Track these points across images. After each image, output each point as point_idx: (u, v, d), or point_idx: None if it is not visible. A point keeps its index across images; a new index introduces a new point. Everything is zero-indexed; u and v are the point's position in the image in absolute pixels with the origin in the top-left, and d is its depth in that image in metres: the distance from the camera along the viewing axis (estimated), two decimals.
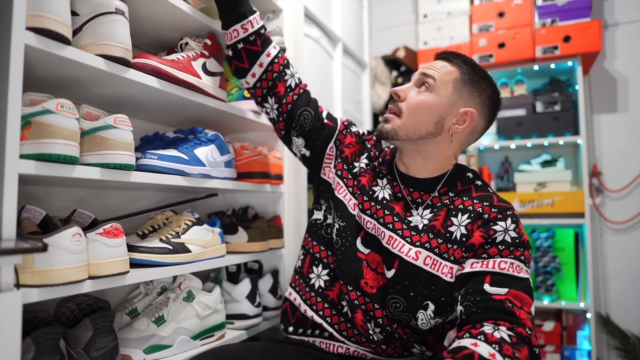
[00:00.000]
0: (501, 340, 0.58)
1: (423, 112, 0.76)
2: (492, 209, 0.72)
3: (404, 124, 0.76)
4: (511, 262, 0.67)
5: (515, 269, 0.66)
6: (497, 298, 0.63)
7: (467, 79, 0.77)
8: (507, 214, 0.71)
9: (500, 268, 0.66)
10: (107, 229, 0.65)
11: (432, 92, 0.76)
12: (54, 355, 0.59)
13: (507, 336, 0.59)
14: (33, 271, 0.56)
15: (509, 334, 0.59)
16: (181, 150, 0.86)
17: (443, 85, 0.76)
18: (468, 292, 0.66)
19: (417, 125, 0.76)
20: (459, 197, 0.76)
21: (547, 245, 1.68)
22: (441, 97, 0.76)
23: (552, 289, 1.65)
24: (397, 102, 0.78)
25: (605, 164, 1.74)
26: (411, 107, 0.76)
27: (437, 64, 0.79)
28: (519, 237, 0.69)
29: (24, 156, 0.57)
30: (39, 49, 0.58)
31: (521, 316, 0.62)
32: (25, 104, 0.59)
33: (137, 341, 0.78)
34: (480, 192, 0.76)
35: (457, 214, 0.74)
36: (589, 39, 1.57)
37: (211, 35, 0.94)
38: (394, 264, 0.75)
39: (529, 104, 1.69)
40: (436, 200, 0.78)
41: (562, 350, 1.61)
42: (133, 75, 0.73)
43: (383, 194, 0.81)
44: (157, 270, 0.76)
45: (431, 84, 0.76)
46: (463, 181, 0.80)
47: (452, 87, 0.76)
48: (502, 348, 0.57)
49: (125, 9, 0.70)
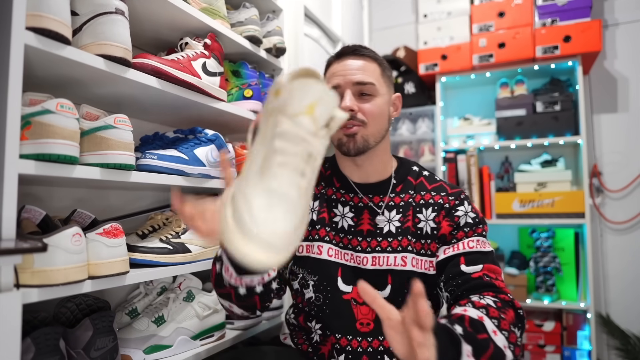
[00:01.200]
0: (487, 305, 0.63)
1: (381, 115, 0.77)
2: (449, 198, 0.78)
3: (372, 132, 0.76)
4: (477, 239, 0.74)
5: (481, 244, 0.73)
6: (475, 276, 0.69)
7: (384, 67, 0.80)
8: (462, 198, 0.79)
9: (469, 247, 0.73)
10: (107, 229, 0.65)
11: (377, 94, 0.77)
12: (54, 356, 0.59)
13: (492, 302, 0.64)
14: (33, 271, 0.56)
15: (494, 300, 0.65)
16: (181, 150, 0.85)
17: (380, 84, 0.78)
18: (448, 277, 0.72)
19: (380, 128, 0.78)
20: (417, 193, 0.80)
21: (548, 245, 1.68)
22: (383, 94, 0.78)
23: (552, 289, 1.65)
24: (355, 116, 0.76)
25: (606, 164, 1.74)
26: (373, 114, 0.76)
27: (354, 65, 0.77)
28: (477, 215, 0.77)
29: (24, 156, 0.56)
30: (39, 48, 0.58)
31: (500, 285, 0.69)
32: (25, 104, 0.59)
33: (137, 341, 0.78)
34: (433, 184, 0.81)
35: (421, 210, 0.78)
36: (589, 39, 1.57)
37: (211, 35, 0.94)
38: (386, 280, 0.75)
39: (529, 104, 1.69)
40: (398, 200, 0.80)
41: (562, 350, 1.61)
42: (133, 75, 0.73)
43: (345, 222, 0.79)
44: (157, 270, 0.76)
45: (373, 89, 0.76)
46: (412, 175, 0.83)
47: (383, 81, 0.79)
48: (488, 311, 0.62)
49: (125, 9, 0.70)
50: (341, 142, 0.78)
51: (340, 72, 0.78)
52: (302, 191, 0.42)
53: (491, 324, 0.58)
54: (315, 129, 0.43)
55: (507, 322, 0.61)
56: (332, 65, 0.81)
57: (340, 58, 0.79)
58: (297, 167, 0.42)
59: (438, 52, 1.79)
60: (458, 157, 1.79)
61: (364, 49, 0.80)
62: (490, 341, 0.56)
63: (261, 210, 0.39)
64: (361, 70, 0.77)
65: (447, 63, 1.78)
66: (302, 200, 0.42)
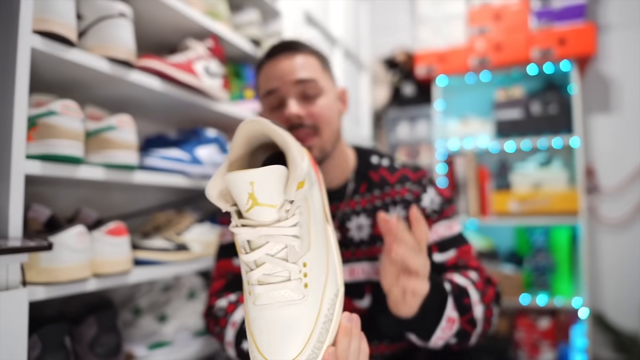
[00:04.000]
0: (472, 278, 0.63)
1: (332, 115, 0.68)
2: (413, 187, 0.71)
3: (327, 138, 0.67)
4: (445, 224, 0.70)
5: (450, 227, 0.70)
6: (451, 262, 0.67)
7: (323, 59, 0.71)
8: (424, 184, 0.72)
9: (439, 235, 0.68)
10: (111, 228, 0.66)
11: (322, 93, 0.67)
12: (60, 352, 0.60)
13: (475, 277, 0.65)
14: (39, 269, 0.57)
15: (476, 275, 0.65)
16: (183, 150, 0.87)
17: (323, 79, 0.68)
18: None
19: (334, 130, 0.69)
20: (382, 191, 0.71)
21: (543, 244, 1.70)
22: (328, 91, 0.68)
23: (547, 287, 1.67)
24: (303, 123, 0.66)
25: (600, 164, 1.77)
26: (324, 117, 0.66)
27: (291, 63, 0.66)
28: (442, 198, 0.72)
29: (30, 156, 0.58)
30: (45, 51, 0.59)
31: (474, 265, 0.67)
32: (31, 106, 0.60)
33: (141, 338, 0.79)
34: (395, 174, 0.73)
35: (389, 209, 0.70)
36: (584, 42, 1.59)
37: (213, 37, 0.95)
38: (363, 290, 0.69)
39: (525, 106, 1.71)
40: (364, 203, 0.71)
41: (557, 347, 1.63)
42: (136, 77, 0.74)
43: None
44: (160, 269, 0.77)
45: (316, 87, 0.66)
46: (373, 169, 0.74)
47: (325, 75, 0.70)
48: (474, 283, 0.62)
49: (129, 13, 0.71)
50: None
51: (275, 73, 0.67)
52: (299, 293, 0.36)
53: (476, 295, 0.60)
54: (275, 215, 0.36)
55: (487, 297, 0.62)
56: (264, 66, 0.70)
57: (273, 57, 0.68)
58: (278, 273, 0.37)
59: (435, 54, 1.81)
60: (456, 157, 1.81)
61: (297, 43, 0.69)
62: (471, 308, 0.59)
63: (266, 342, 0.36)
64: (299, 66, 0.66)
65: (444, 65, 1.80)
66: (305, 303, 0.36)
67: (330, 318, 0.38)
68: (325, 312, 0.38)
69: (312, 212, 0.39)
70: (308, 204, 0.39)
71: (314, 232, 0.39)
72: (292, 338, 0.36)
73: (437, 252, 0.67)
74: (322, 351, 0.36)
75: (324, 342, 0.37)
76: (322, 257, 0.39)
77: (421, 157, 1.93)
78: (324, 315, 0.37)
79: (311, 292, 0.37)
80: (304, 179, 0.37)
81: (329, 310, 0.38)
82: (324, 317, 0.37)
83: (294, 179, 0.36)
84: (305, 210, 0.38)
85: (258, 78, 0.72)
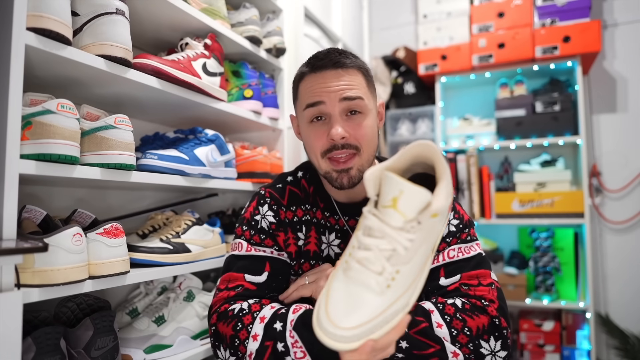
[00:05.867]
0: (451, 303, 0.62)
1: (373, 135, 0.68)
2: None
3: (366, 158, 0.67)
4: (459, 247, 0.68)
5: (464, 251, 0.68)
6: (451, 288, 0.65)
7: (368, 74, 0.70)
8: None
9: (449, 257, 0.67)
10: (107, 229, 0.65)
11: (367, 112, 0.67)
12: (55, 355, 0.59)
13: (460, 303, 0.62)
14: (33, 271, 0.56)
15: (462, 301, 0.63)
16: (181, 150, 0.86)
17: (368, 98, 0.68)
18: (427, 290, 0.67)
19: (374, 150, 0.69)
20: None
21: (547, 245, 1.69)
22: (371, 109, 0.68)
23: (551, 289, 1.65)
24: (347, 144, 0.66)
25: (605, 164, 1.74)
26: (366, 138, 0.66)
27: (338, 79, 0.65)
28: (460, 221, 0.70)
29: (25, 156, 0.57)
30: (40, 49, 0.58)
31: (477, 293, 0.64)
32: (25, 104, 0.59)
33: (138, 341, 0.78)
34: None
35: None
36: (588, 39, 1.57)
37: (211, 35, 0.94)
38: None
39: (529, 104, 1.69)
40: None
41: (561, 350, 1.61)
42: (133, 75, 0.73)
43: (332, 251, 0.73)
44: (157, 270, 0.76)
45: (362, 106, 0.66)
46: None
47: (370, 92, 0.69)
48: (444, 307, 0.61)
49: (125, 9, 0.70)
50: (331, 176, 0.67)
51: (321, 87, 0.66)
52: (380, 288, 0.43)
53: (440, 318, 0.59)
54: (401, 223, 0.43)
55: (464, 324, 0.59)
56: (308, 78, 0.68)
57: (319, 70, 0.67)
58: (376, 264, 0.43)
59: (438, 52, 1.80)
60: (458, 157, 1.79)
61: (345, 57, 0.67)
62: (425, 322, 0.58)
63: (335, 305, 0.44)
64: (347, 84, 0.66)
65: (447, 63, 1.78)
66: (378, 298, 0.43)
67: (388, 321, 0.44)
68: (389, 313, 0.44)
69: (428, 238, 0.46)
70: (429, 231, 0.45)
71: (420, 253, 0.45)
72: (355, 314, 0.43)
73: (443, 277, 0.66)
74: (364, 339, 0.42)
75: (372, 334, 0.43)
76: (412, 275, 0.45)
77: None
78: (386, 315, 0.43)
79: (389, 293, 0.44)
80: (439, 213, 0.44)
81: (391, 315, 0.44)
82: (384, 317, 0.43)
83: (432, 209, 0.43)
84: (423, 234, 0.45)
85: (299, 88, 0.71)
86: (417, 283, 0.46)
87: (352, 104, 0.66)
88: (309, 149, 0.71)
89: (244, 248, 0.72)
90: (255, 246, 0.72)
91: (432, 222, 0.44)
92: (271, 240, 0.73)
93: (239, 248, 0.72)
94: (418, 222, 0.44)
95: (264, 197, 0.75)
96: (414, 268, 0.45)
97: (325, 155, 0.67)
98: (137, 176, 0.73)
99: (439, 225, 0.47)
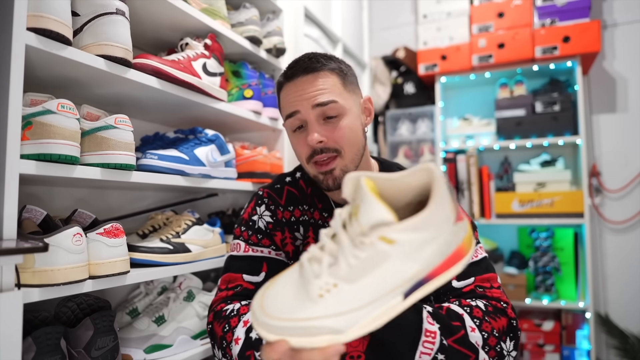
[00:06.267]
0: (475, 305, 0.61)
1: (354, 135, 0.68)
2: None
3: (350, 158, 0.68)
4: None
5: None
6: (467, 290, 0.65)
7: (343, 73, 0.69)
8: None
9: None
10: (107, 229, 0.65)
11: (344, 113, 0.67)
12: (55, 355, 0.59)
13: (483, 305, 0.62)
14: (34, 271, 0.56)
15: (484, 303, 0.63)
16: (181, 150, 0.86)
17: (344, 98, 0.67)
18: (439, 293, 0.66)
19: (358, 149, 0.69)
20: None
21: (547, 245, 1.69)
22: (350, 108, 0.68)
23: (551, 289, 1.65)
24: (325, 147, 0.66)
25: (605, 164, 1.75)
26: (345, 139, 0.66)
27: (310, 85, 0.66)
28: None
29: (25, 156, 0.57)
30: (40, 49, 0.58)
31: (494, 295, 0.65)
32: (26, 104, 0.59)
33: (138, 341, 0.78)
34: None
35: None
36: (588, 40, 1.57)
37: (211, 35, 0.94)
38: None
39: (529, 104, 1.69)
40: None
41: (561, 349, 1.61)
42: (133, 75, 0.73)
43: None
44: (158, 270, 0.76)
45: (337, 108, 0.66)
46: None
47: (347, 91, 0.69)
48: (472, 310, 0.60)
49: (125, 10, 0.70)
50: (318, 179, 0.69)
51: (295, 96, 0.67)
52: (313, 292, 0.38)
53: (471, 321, 0.58)
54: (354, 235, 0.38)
55: (492, 326, 0.59)
56: (284, 87, 0.69)
57: (292, 79, 0.68)
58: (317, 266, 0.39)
59: (438, 52, 1.80)
60: (458, 157, 1.79)
61: (315, 61, 0.67)
62: (462, 329, 0.56)
63: (274, 291, 0.41)
64: (319, 89, 0.66)
65: (447, 63, 1.78)
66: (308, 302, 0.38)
67: (310, 334, 0.38)
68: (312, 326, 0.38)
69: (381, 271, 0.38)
70: (382, 260, 0.38)
71: (373, 285, 0.38)
72: (281, 305, 0.39)
73: (455, 279, 0.65)
74: (280, 337, 0.39)
75: (289, 336, 0.39)
76: (355, 302, 0.38)
77: (423, 156, 1.91)
78: (308, 325, 0.38)
79: (320, 304, 0.38)
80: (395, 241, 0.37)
81: (315, 329, 0.38)
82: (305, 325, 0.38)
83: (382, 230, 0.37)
84: (374, 261, 0.38)
85: (279, 98, 0.72)
86: (363, 318, 0.38)
87: (326, 109, 0.66)
88: (297, 157, 0.73)
89: (242, 248, 0.73)
90: (252, 246, 0.73)
91: (386, 249, 0.37)
92: (268, 240, 0.74)
93: (237, 249, 0.74)
94: (368, 240, 0.37)
95: (262, 197, 0.76)
96: (359, 296, 0.38)
97: (309, 160, 0.68)
98: (137, 176, 0.73)
99: (402, 264, 0.38)
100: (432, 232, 0.38)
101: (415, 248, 0.38)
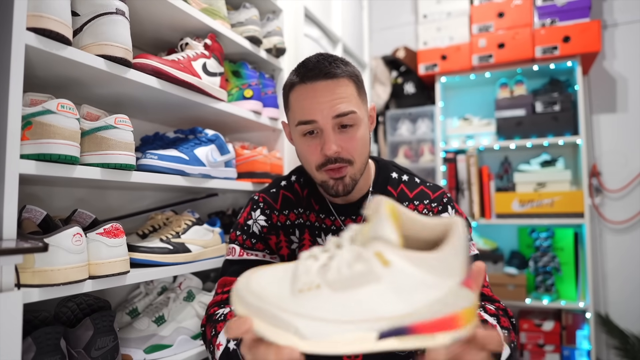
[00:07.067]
0: (496, 314, 0.62)
1: (365, 144, 0.68)
2: (432, 204, 0.73)
3: (359, 167, 0.68)
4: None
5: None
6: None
7: (359, 80, 0.69)
8: (445, 202, 0.73)
9: None
10: (107, 229, 0.65)
11: (359, 123, 0.66)
12: (55, 355, 0.59)
13: (494, 308, 0.64)
14: (34, 271, 0.56)
15: (495, 307, 0.64)
16: (181, 150, 0.86)
17: (359, 107, 0.66)
18: None
19: (366, 157, 0.70)
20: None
21: (547, 245, 1.69)
22: (362, 118, 0.67)
23: (551, 289, 1.65)
24: (340, 157, 0.66)
25: (605, 164, 1.75)
26: (358, 150, 0.66)
27: (330, 92, 0.63)
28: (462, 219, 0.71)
29: (25, 156, 0.57)
30: (40, 49, 0.58)
31: (489, 293, 0.66)
32: (25, 104, 0.59)
33: (138, 341, 0.78)
34: (414, 190, 0.74)
35: None
36: (588, 39, 1.57)
37: (211, 35, 0.94)
38: None
39: (529, 104, 1.69)
40: None
41: (561, 349, 1.61)
42: (133, 75, 0.73)
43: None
44: (157, 270, 0.76)
45: (354, 118, 0.65)
46: (392, 184, 0.74)
47: (361, 100, 0.68)
48: (499, 320, 0.61)
49: (125, 9, 0.70)
50: (327, 184, 0.68)
51: (313, 102, 0.64)
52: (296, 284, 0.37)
53: (501, 333, 0.59)
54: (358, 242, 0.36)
55: (509, 332, 0.61)
56: (298, 88, 0.66)
57: (309, 81, 0.64)
58: (311, 262, 0.38)
59: (438, 52, 1.80)
60: (458, 157, 1.79)
61: (336, 66, 0.65)
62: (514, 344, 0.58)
63: (267, 271, 0.40)
64: (339, 97, 0.64)
65: (447, 63, 1.78)
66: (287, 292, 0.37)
67: (275, 324, 0.36)
68: (281, 317, 0.36)
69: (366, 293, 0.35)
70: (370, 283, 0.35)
71: (351, 297, 0.35)
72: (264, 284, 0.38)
73: None
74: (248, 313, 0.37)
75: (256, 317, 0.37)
76: (332, 312, 0.35)
77: (423, 156, 1.91)
78: (278, 315, 0.36)
79: (299, 299, 0.36)
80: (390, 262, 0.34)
81: (282, 323, 0.36)
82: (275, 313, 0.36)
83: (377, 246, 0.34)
84: (364, 279, 0.35)
85: (289, 98, 0.68)
86: (331, 337, 0.35)
87: (345, 119, 0.64)
88: (304, 161, 0.71)
89: (237, 252, 0.75)
90: (247, 250, 0.74)
91: (378, 271, 0.34)
92: (262, 244, 0.75)
93: (233, 253, 0.75)
94: (366, 253, 0.35)
95: (258, 202, 0.78)
96: (336, 308, 0.35)
97: (320, 168, 0.67)
98: (137, 176, 0.73)
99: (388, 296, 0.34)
100: (431, 278, 0.34)
101: (408, 286, 0.34)
